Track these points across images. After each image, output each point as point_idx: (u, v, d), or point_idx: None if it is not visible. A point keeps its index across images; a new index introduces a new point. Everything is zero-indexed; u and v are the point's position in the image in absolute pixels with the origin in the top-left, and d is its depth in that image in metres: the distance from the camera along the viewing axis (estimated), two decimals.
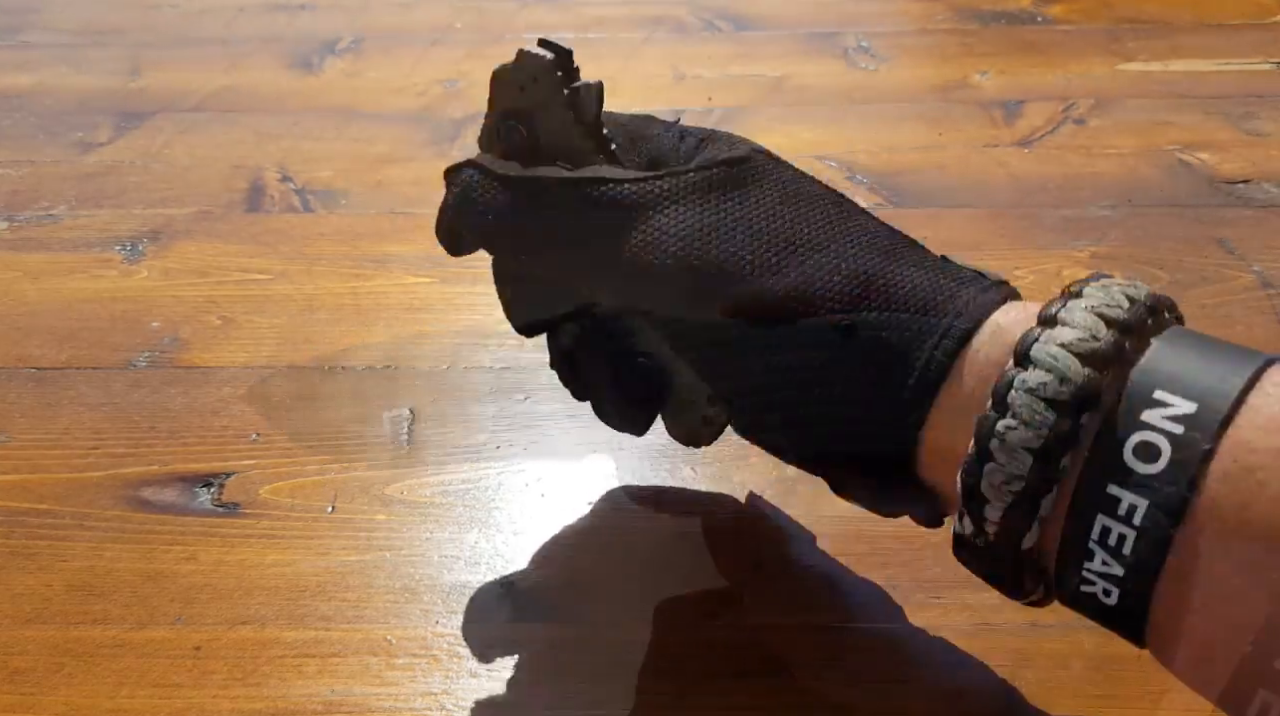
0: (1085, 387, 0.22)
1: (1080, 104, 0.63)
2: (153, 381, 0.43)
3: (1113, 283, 0.24)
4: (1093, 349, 0.22)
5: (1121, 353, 0.22)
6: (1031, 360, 0.23)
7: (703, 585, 0.34)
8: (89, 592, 0.34)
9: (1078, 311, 0.23)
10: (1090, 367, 0.22)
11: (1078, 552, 0.22)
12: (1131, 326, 0.23)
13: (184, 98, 0.68)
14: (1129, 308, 0.23)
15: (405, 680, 0.31)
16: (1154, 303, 0.24)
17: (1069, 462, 0.22)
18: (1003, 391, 0.23)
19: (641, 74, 0.69)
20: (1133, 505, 0.21)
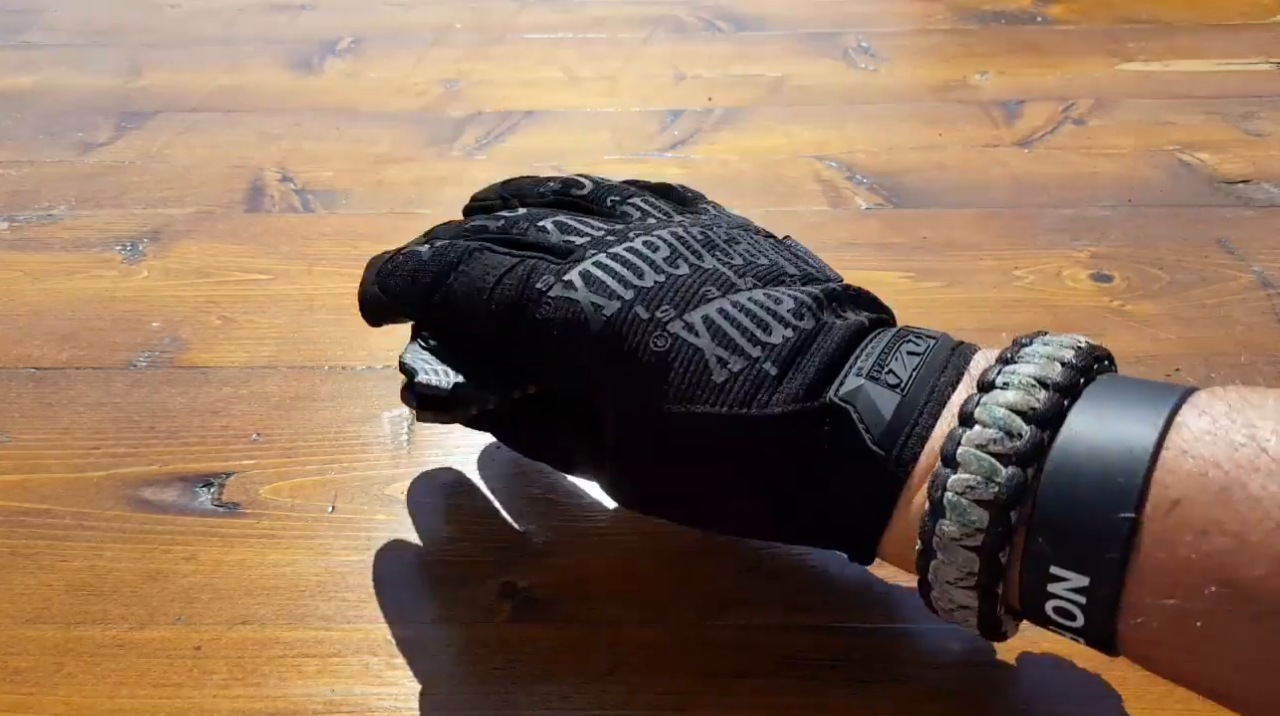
0: (992, 534, 0.24)
1: (1080, 104, 0.63)
2: (153, 381, 0.43)
3: (1032, 360, 0.26)
4: (990, 495, 0.24)
5: (1021, 493, 0.24)
6: (943, 506, 0.25)
7: (703, 585, 0.34)
8: (89, 592, 0.34)
9: (982, 431, 0.25)
10: (994, 528, 0.24)
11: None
12: (1030, 451, 0.24)
13: (184, 98, 0.68)
14: (1031, 420, 0.24)
15: (405, 680, 0.31)
16: (1064, 388, 0.25)
17: (1008, 558, 0.24)
18: (927, 535, 0.25)
19: (641, 74, 0.69)
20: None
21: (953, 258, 0.49)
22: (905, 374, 0.27)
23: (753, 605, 0.33)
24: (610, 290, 0.29)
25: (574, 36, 0.75)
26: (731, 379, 0.27)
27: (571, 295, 0.29)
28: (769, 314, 0.28)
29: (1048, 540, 0.23)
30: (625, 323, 0.28)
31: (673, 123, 0.62)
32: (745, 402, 0.27)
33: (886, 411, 0.26)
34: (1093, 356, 0.26)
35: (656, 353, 0.28)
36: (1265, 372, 0.42)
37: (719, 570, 0.34)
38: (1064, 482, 0.23)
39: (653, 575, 0.34)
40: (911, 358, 0.27)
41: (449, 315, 0.32)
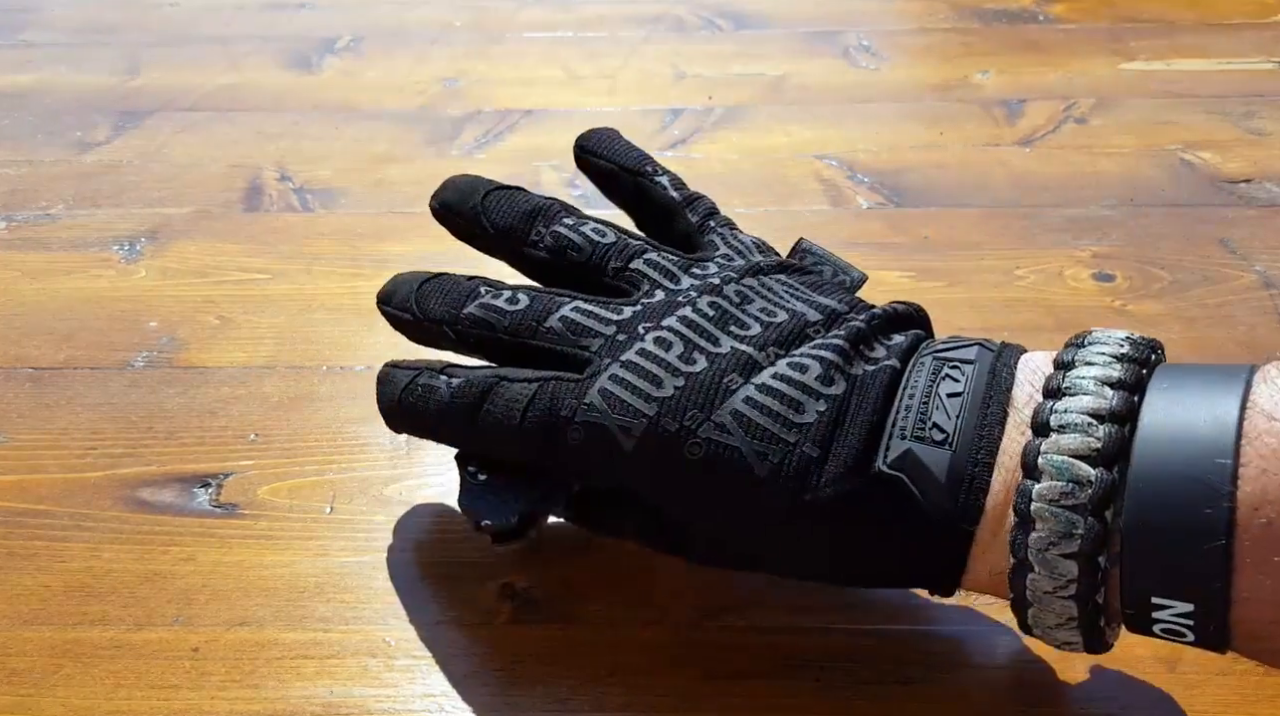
0: (1086, 572, 0.24)
1: (1081, 103, 0.63)
2: (151, 381, 0.43)
3: (1096, 356, 0.26)
4: (1076, 549, 0.24)
5: (1103, 528, 0.23)
6: (1030, 560, 0.24)
7: (703, 586, 0.33)
8: (87, 593, 0.34)
9: (1051, 465, 0.24)
10: (1083, 572, 0.24)
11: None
12: (1104, 495, 0.24)
13: (182, 97, 0.67)
14: (1114, 397, 0.24)
15: (404, 681, 0.31)
16: (1134, 376, 0.25)
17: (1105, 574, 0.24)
18: (1020, 586, 0.25)
19: (641, 72, 0.69)
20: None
21: (954, 257, 0.49)
22: (950, 425, 0.26)
23: (753, 606, 0.33)
24: (633, 409, 0.28)
25: (574, 35, 0.75)
26: (774, 472, 0.27)
27: (596, 419, 0.28)
28: (798, 389, 0.27)
29: (1143, 568, 0.23)
30: (656, 439, 0.28)
31: (673, 122, 0.62)
32: (793, 494, 0.26)
33: (940, 472, 0.25)
34: (1150, 348, 0.26)
35: (693, 461, 0.27)
36: None
37: (719, 571, 0.34)
38: (1150, 491, 0.23)
39: (653, 575, 0.34)
40: (953, 400, 0.26)
41: (487, 448, 0.32)
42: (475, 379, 0.31)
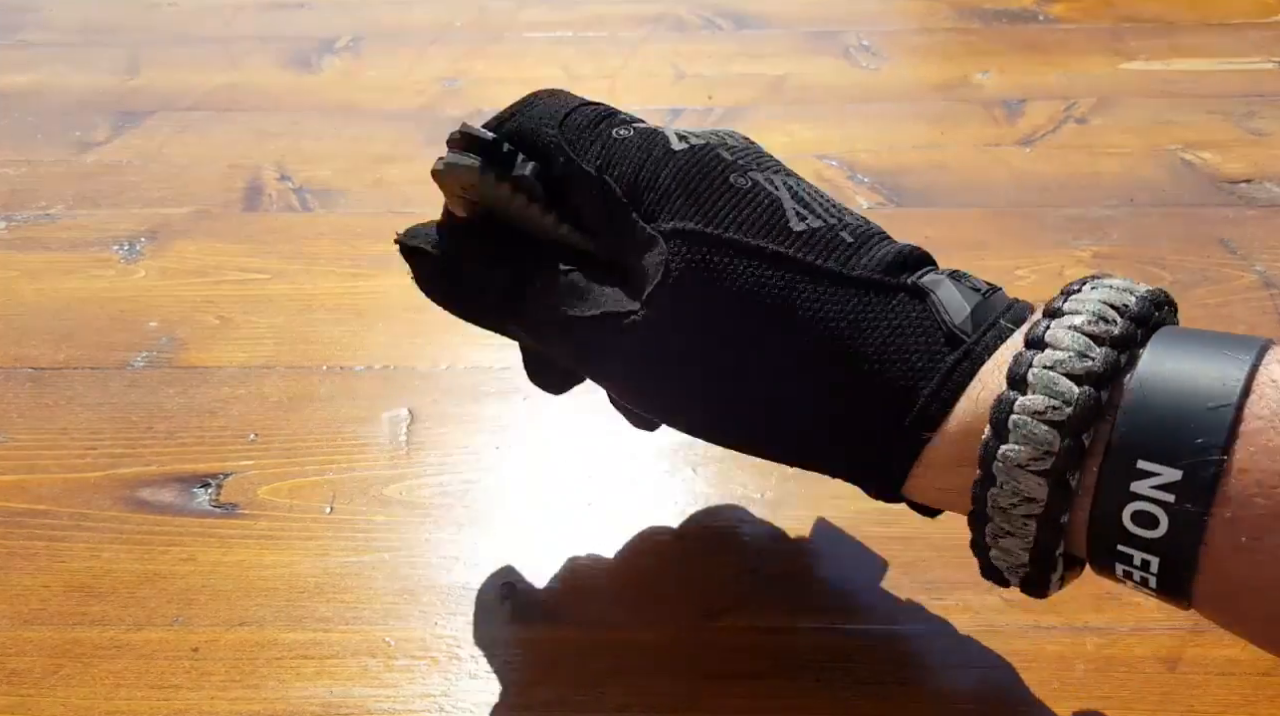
0: (1067, 450, 0.22)
1: (1082, 103, 0.63)
2: (150, 381, 0.43)
3: (1101, 286, 0.24)
4: (1064, 418, 0.22)
5: (1098, 410, 0.22)
6: (1010, 428, 0.23)
7: (703, 586, 0.33)
8: (87, 593, 0.34)
9: (1059, 346, 0.23)
10: (1067, 437, 0.22)
11: (1107, 560, 0.23)
12: (1108, 373, 0.23)
13: (182, 96, 0.67)
14: (1119, 323, 0.23)
15: (404, 681, 0.31)
16: (1139, 315, 0.23)
17: (1068, 520, 0.23)
18: (989, 457, 0.23)
19: (641, 72, 0.69)
20: (1146, 560, 0.22)
21: (954, 257, 0.48)
22: (982, 286, 0.26)
23: (753, 606, 0.33)
24: (695, 134, 0.29)
25: (573, 35, 0.75)
26: (809, 232, 0.26)
27: (654, 127, 0.29)
28: (841, 209, 0.28)
29: (1137, 433, 0.22)
30: (709, 155, 0.28)
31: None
32: (821, 257, 0.26)
33: (968, 303, 0.25)
34: (1155, 300, 0.24)
35: (735, 189, 0.27)
36: None
37: (719, 571, 0.34)
38: (1156, 383, 0.22)
39: (653, 576, 0.34)
40: (974, 292, 0.26)
41: (521, 136, 0.31)
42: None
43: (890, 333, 0.25)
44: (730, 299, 0.26)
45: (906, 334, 0.25)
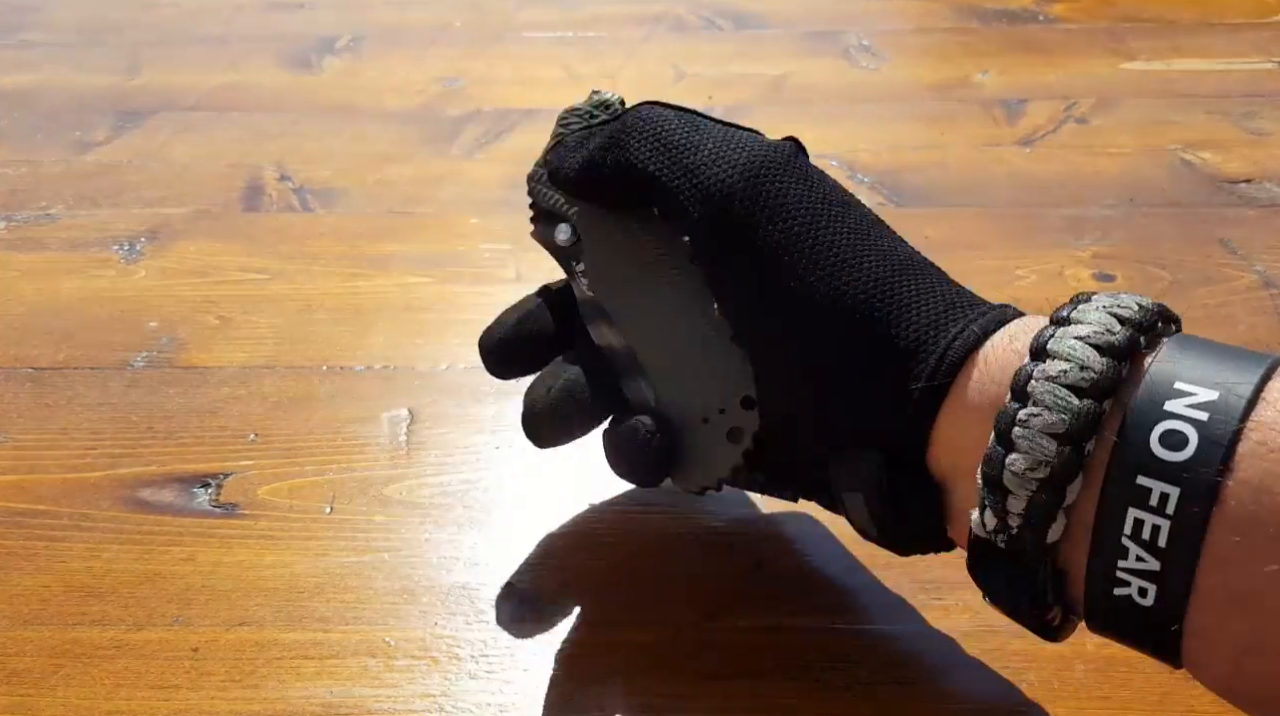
0: (1105, 375, 0.22)
1: (1082, 103, 0.63)
2: (150, 381, 0.43)
3: (1118, 293, 0.25)
4: (1109, 341, 0.23)
5: (1136, 346, 0.23)
6: (1049, 353, 0.23)
7: (703, 586, 0.33)
8: (87, 593, 0.34)
9: (1090, 312, 0.23)
10: (1108, 357, 0.22)
11: (1110, 551, 0.22)
12: (1143, 325, 0.23)
13: (182, 96, 0.67)
14: (1139, 310, 0.23)
15: (404, 681, 0.31)
16: (1161, 310, 0.24)
17: (1093, 449, 0.22)
18: (1022, 382, 0.23)
19: (642, 72, 0.69)
20: (1164, 494, 0.21)
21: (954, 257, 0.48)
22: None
23: (753, 606, 0.33)
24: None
25: (573, 35, 0.75)
26: None
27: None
28: None
29: (1174, 357, 0.22)
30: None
31: None
32: None
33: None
34: (1167, 310, 0.25)
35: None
36: None
37: (719, 571, 0.34)
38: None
39: (653, 576, 0.34)
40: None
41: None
42: None
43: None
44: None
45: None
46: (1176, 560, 0.21)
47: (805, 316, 0.27)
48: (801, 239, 0.27)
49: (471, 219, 0.53)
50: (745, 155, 0.28)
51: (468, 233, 0.52)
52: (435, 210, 0.54)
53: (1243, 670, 0.21)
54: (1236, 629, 0.21)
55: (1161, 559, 0.21)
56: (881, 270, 0.27)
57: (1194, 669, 0.22)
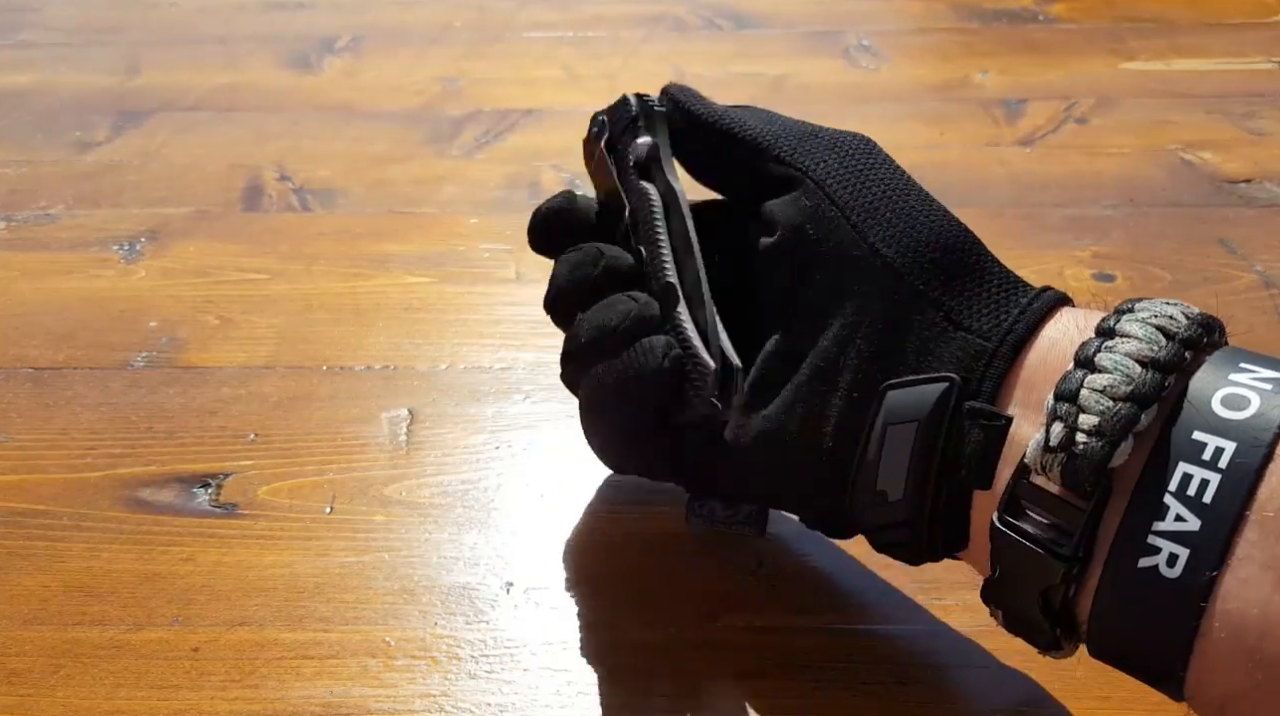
0: (1192, 330, 0.23)
1: (1082, 103, 0.63)
2: (150, 381, 0.43)
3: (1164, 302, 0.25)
4: (1189, 311, 0.24)
5: (1209, 332, 0.24)
6: (1136, 310, 0.24)
7: (703, 585, 0.33)
8: (87, 593, 0.34)
9: (1160, 303, 0.24)
10: (1191, 321, 0.24)
11: (1149, 509, 0.21)
12: (1208, 323, 0.24)
13: (182, 96, 0.67)
14: (1198, 312, 0.24)
15: (404, 681, 0.31)
16: (1215, 319, 0.25)
17: (1171, 385, 0.22)
18: (1111, 323, 0.24)
19: (641, 72, 0.69)
20: (1220, 448, 0.21)
21: None
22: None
23: (753, 606, 0.33)
24: None
25: (574, 35, 0.75)
26: None
27: None
28: None
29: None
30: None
31: None
32: None
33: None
34: (1213, 320, 0.25)
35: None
36: None
37: (719, 571, 0.34)
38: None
39: (653, 576, 0.34)
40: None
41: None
42: None
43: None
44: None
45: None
46: (1217, 516, 0.21)
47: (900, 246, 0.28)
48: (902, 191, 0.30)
49: (471, 219, 0.53)
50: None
51: (468, 233, 0.52)
52: (435, 210, 0.54)
53: (1263, 653, 0.20)
54: (1260, 602, 0.20)
55: (1202, 516, 0.21)
56: (964, 230, 0.29)
57: (1200, 678, 0.21)
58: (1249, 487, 0.20)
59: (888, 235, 0.28)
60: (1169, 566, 0.21)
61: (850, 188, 0.29)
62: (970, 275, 0.27)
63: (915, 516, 0.26)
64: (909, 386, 0.26)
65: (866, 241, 0.28)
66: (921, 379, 0.26)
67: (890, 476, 0.26)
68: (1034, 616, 0.24)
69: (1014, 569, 0.24)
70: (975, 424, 0.25)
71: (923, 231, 0.28)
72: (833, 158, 0.30)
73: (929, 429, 0.25)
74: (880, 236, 0.28)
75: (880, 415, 0.26)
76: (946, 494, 0.26)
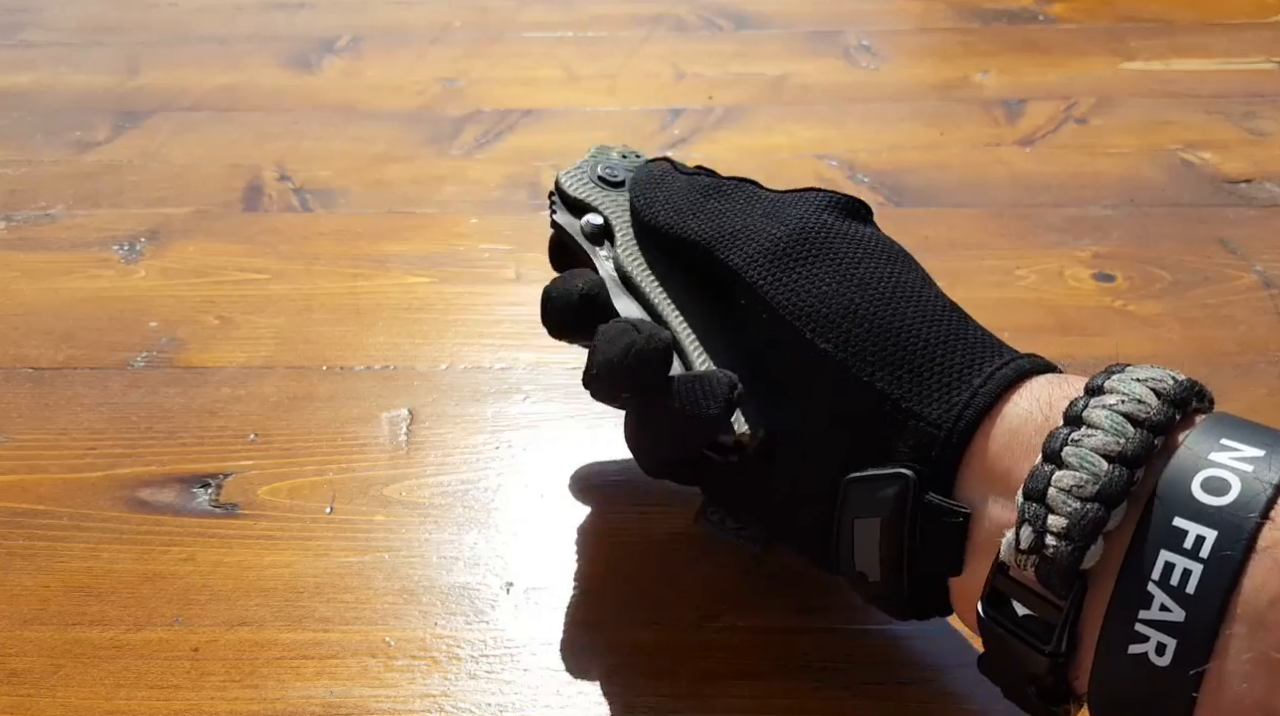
0: (1163, 412, 0.22)
1: (1082, 103, 0.63)
2: (150, 381, 0.43)
3: (1147, 367, 0.24)
4: (1164, 387, 0.23)
5: (1188, 402, 0.23)
6: (1105, 388, 0.23)
7: (702, 586, 0.33)
8: (87, 593, 0.34)
9: (1142, 370, 0.24)
10: (1163, 401, 0.23)
11: (1134, 598, 0.21)
12: (1194, 388, 0.23)
13: (182, 96, 0.67)
14: (1184, 380, 0.23)
15: (404, 681, 0.31)
16: (1196, 386, 0.24)
17: (1141, 478, 0.22)
18: (1078, 409, 0.23)
19: (642, 72, 0.69)
20: (1200, 536, 0.21)
21: (954, 257, 0.49)
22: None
23: (753, 607, 0.33)
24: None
25: (574, 35, 0.75)
26: None
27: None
28: None
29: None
30: None
31: (673, 121, 0.62)
32: None
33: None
34: (1193, 388, 0.24)
35: None
36: (1267, 373, 0.42)
37: (719, 572, 0.34)
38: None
39: (653, 576, 0.34)
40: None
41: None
42: None
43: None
44: None
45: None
46: (1202, 608, 0.20)
47: (844, 342, 0.27)
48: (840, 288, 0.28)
49: (471, 219, 0.53)
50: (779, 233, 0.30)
51: (468, 233, 0.52)
52: (435, 210, 0.54)
53: None
54: (1254, 693, 0.20)
55: (1187, 607, 0.20)
56: (922, 313, 0.27)
57: None
58: (1232, 579, 0.20)
59: (825, 330, 0.27)
60: (1158, 655, 0.21)
61: (788, 287, 0.29)
62: (919, 359, 0.26)
63: (896, 594, 0.27)
64: (868, 481, 0.26)
65: (804, 338, 0.28)
66: (878, 476, 0.26)
67: (865, 562, 0.27)
68: (1028, 696, 0.24)
69: (1002, 654, 0.24)
70: (934, 519, 0.25)
71: (864, 322, 0.27)
72: (766, 258, 0.29)
73: (892, 525, 0.26)
74: (818, 332, 0.27)
75: (847, 509, 0.27)
76: (923, 576, 0.26)
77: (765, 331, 0.29)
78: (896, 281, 0.29)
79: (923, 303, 0.28)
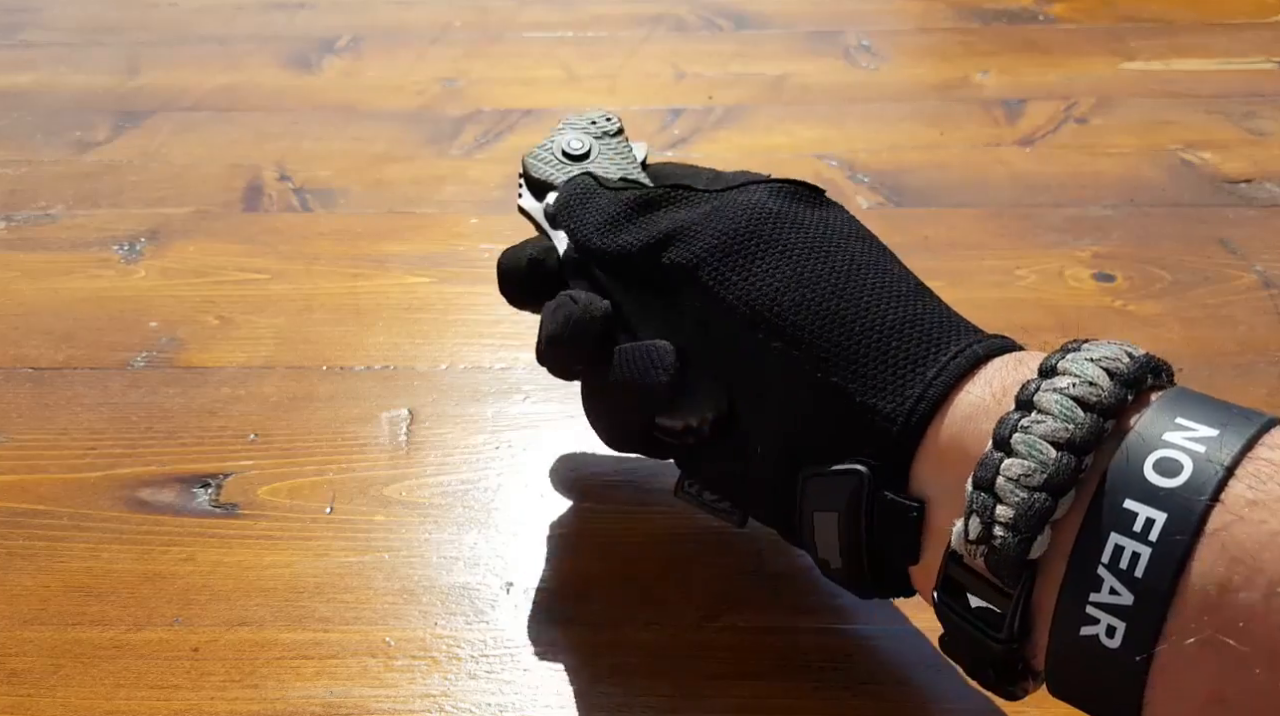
0: (1114, 393, 0.22)
1: (1082, 103, 0.63)
2: (150, 381, 0.43)
3: (1105, 343, 0.24)
4: (1119, 367, 0.22)
5: (1144, 381, 0.23)
6: (1058, 370, 0.23)
7: (703, 586, 0.33)
8: (87, 593, 0.34)
9: (1099, 347, 0.23)
10: (1116, 381, 0.22)
11: (1084, 582, 0.21)
12: (1152, 366, 0.23)
13: (182, 96, 0.67)
14: (1142, 356, 0.23)
15: (404, 681, 0.31)
16: (1156, 363, 0.23)
17: (1090, 464, 0.22)
18: (1029, 393, 0.23)
19: (642, 72, 0.69)
20: (1150, 519, 0.20)
21: (954, 257, 0.49)
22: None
23: (753, 607, 0.33)
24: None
25: (574, 35, 0.75)
26: None
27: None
28: None
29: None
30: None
31: (673, 121, 0.62)
32: None
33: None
34: (1149, 365, 0.24)
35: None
36: (1267, 373, 0.42)
37: (719, 572, 0.34)
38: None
39: (653, 576, 0.34)
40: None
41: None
42: None
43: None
44: None
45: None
46: (1150, 592, 0.20)
47: (797, 329, 0.27)
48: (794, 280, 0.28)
49: (471, 219, 0.53)
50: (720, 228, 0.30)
51: (468, 233, 0.52)
52: (435, 210, 0.54)
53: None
54: (1203, 676, 0.20)
55: (1135, 591, 0.20)
56: (877, 298, 0.27)
57: None
58: (1180, 563, 0.20)
59: (778, 330, 0.27)
60: (1109, 637, 0.21)
61: (736, 287, 0.28)
62: (873, 351, 0.26)
63: (859, 579, 0.27)
64: (825, 477, 0.26)
65: (756, 339, 0.27)
66: (834, 471, 0.26)
67: (827, 551, 0.27)
68: (987, 675, 0.24)
69: (959, 638, 0.24)
70: (890, 512, 0.25)
71: (816, 318, 0.27)
72: (714, 257, 0.29)
73: (849, 519, 0.26)
74: (771, 332, 0.27)
75: (806, 502, 0.27)
76: (883, 564, 0.26)
77: (720, 331, 0.28)
78: (850, 266, 0.28)
79: (878, 287, 0.28)
